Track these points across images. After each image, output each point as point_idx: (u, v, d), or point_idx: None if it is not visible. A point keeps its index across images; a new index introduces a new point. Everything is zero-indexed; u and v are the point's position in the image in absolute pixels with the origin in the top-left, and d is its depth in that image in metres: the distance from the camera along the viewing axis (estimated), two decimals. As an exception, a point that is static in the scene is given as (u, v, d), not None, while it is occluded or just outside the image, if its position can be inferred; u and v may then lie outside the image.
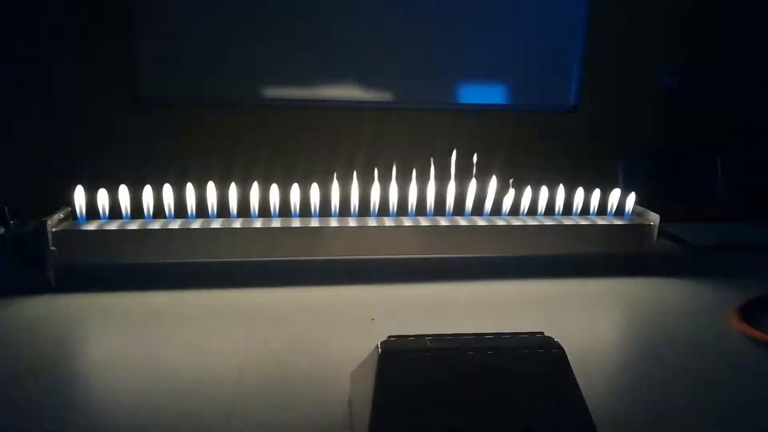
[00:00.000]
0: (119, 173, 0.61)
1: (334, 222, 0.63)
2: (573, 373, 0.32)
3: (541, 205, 0.68)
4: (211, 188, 0.62)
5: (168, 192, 0.61)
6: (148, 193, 0.61)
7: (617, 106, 2.32)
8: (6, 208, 0.56)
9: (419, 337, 0.33)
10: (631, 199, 0.69)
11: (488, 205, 0.67)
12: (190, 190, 0.62)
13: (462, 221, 0.65)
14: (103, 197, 0.60)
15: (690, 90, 2.34)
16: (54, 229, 0.56)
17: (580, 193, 0.68)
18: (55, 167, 1.84)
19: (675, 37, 2.31)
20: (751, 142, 2.33)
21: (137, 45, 2.03)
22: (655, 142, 2.34)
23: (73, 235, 0.57)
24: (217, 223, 0.61)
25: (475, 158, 0.66)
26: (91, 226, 0.59)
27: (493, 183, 0.67)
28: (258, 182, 0.63)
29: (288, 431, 0.35)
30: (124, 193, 0.61)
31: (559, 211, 0.68)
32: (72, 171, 0.62)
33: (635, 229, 0.66)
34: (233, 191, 0.62)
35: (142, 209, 0.61)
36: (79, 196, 0.60)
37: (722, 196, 1.85)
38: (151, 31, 2.03)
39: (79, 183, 0.60)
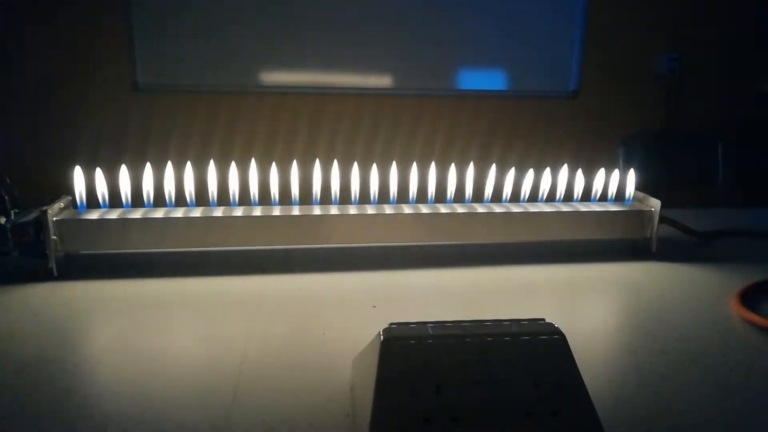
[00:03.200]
0: (119, 161, 0.61)
1: (334, 209, 0.63)
2: (574, 359, 0.32)
3: (542, 191, 0.67)
4: (210, 176, 0.62)
5: (168, 179, 0.61)
6: (147, 181, 0.61)
7: (617, 92, 2.31)
8: (7, 197, 0.56)
9: (421, 324, 0.33)
10: (632, 184, 0.69)
11: (488, 191, 0.67)
12: (189, 177, 0.62)
13: (462, 208, 0.65)
14: (102, 185, 0.60)
15: (690, 74, 2.32)
16: (55, 218, 0.57)
17: (580, 179, 0.68)
18: (55, 156, 1.84)
19: (675, 21, 2.29)
20: (752, 126, 2.32)
21: (134, 32, 2.02)
22: (656, 127, 2.33)
23: (74, 224, 0.58)
24: (217, 212, 0.61)
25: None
26: (92, 215, 0.59)
27: (492, 169, 0.66)
28: (257, 170, 0.63)
29: (290, 418, 0.36)
30: (124, 181, 0.61)
31: (559, 198, 0.68)
32: (71, 160, 0.62)
33: (636, 215, 0.66)
34: (233, 179, 0.62)
35: (142, 197, 0.61)
36: (79, 184, 0.60)
37: (723, 182, 1.84)
38: (148, 17, 2.02)
39: (79, 171, 0.60)
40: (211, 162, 0.62)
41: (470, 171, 0.66)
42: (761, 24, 2.32)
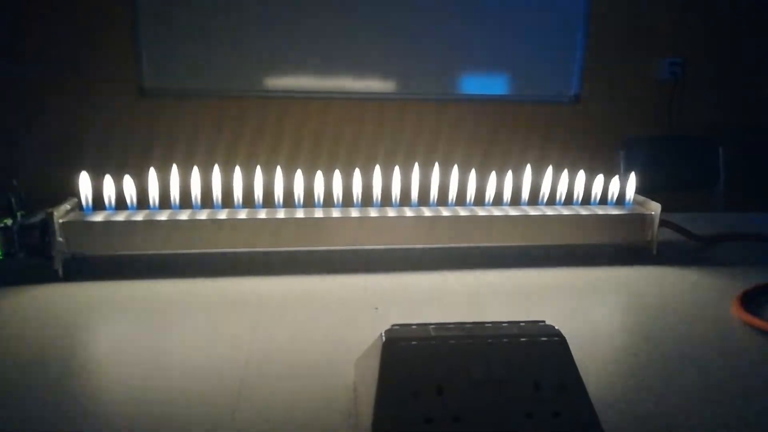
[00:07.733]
0: (124, 164, 0.62)
1: (337, 212, 0.63)
2: (574, 361, 0.33)
3: (543, 195, 0.68)
4: (215, 179, 0.62)
5: (174, 182, 0.62)
6: (153, 184, 0.61)
7: (619, 96, 2.31)
8: (13, 199, 0.57)
9: (422, 326, 0.34)
10: (632, 188, 0.69)
11: (489, 195, 0.67)
12: (195, 180, 0.62)
13: (463, 211, 0.65)
14: (108, 188, 0.61)
15: (691, 79, 2.32)
16: (61, 220, 0.57)
17: (581, 183, 0.68)
18: (61, 159, 1.85)
19: (676, 26, 2.30)
20: (752, 131, 2.32)
21: (140, 36, 2.03)
22: (657, 131, 2.33)
23: (80, 226, 0.58)
24: (222, 214, 0.61)
25: None
26: (98, 217, 0.59)
27: (493, 173, 0.67)
28: (262, 173, 0.63)
29: (294, 419, 0.36)
30: (129, 183, 0.61)
31: (560, 201, 0.68)
32: (77, 162, 0.63)
33: (637, 219, 0.67)
34: (238, 182, 0.63)
35: (148, 199, 0.62)
36: (85, 187, 0.60)
37: (724, 186, 1.85)
38: (154, 23, 2.03)
39: (85, 174, 0.60)
40: (216, 166, 0.62)
41: (472, 174, 0.67)
42: (763, 28, 2.32)
